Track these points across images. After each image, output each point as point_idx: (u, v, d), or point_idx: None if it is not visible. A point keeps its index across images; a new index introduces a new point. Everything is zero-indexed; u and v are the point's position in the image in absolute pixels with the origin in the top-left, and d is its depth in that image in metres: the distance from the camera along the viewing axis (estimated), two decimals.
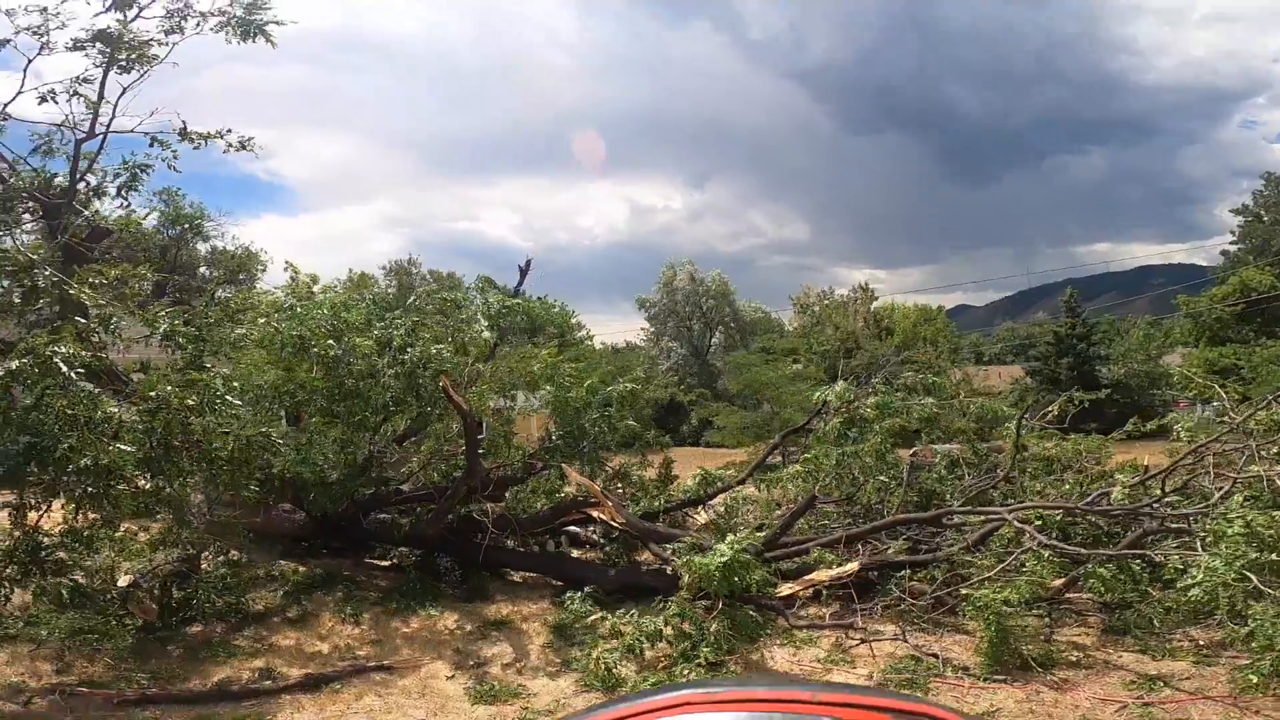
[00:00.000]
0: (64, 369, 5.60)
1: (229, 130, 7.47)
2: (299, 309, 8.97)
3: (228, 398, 7.88)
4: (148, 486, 7.33)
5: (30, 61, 6.05)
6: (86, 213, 6.92)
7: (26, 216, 6.99)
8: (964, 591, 6.98)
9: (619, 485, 10.70)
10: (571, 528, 10.69)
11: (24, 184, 6.71)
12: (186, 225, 33.89)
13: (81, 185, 7.00)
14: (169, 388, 6.67)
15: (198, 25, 6.56)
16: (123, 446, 5.98)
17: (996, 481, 9.46)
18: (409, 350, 8.93)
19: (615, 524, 9.29)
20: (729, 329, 47.37)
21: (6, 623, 7.12)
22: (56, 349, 5.59)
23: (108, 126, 6.86)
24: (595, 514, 9.42)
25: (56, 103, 6.17)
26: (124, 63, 6.31)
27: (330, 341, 8.56)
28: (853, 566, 8.11)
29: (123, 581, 7.70)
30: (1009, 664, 6.31)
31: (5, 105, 6.16)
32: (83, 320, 6.92)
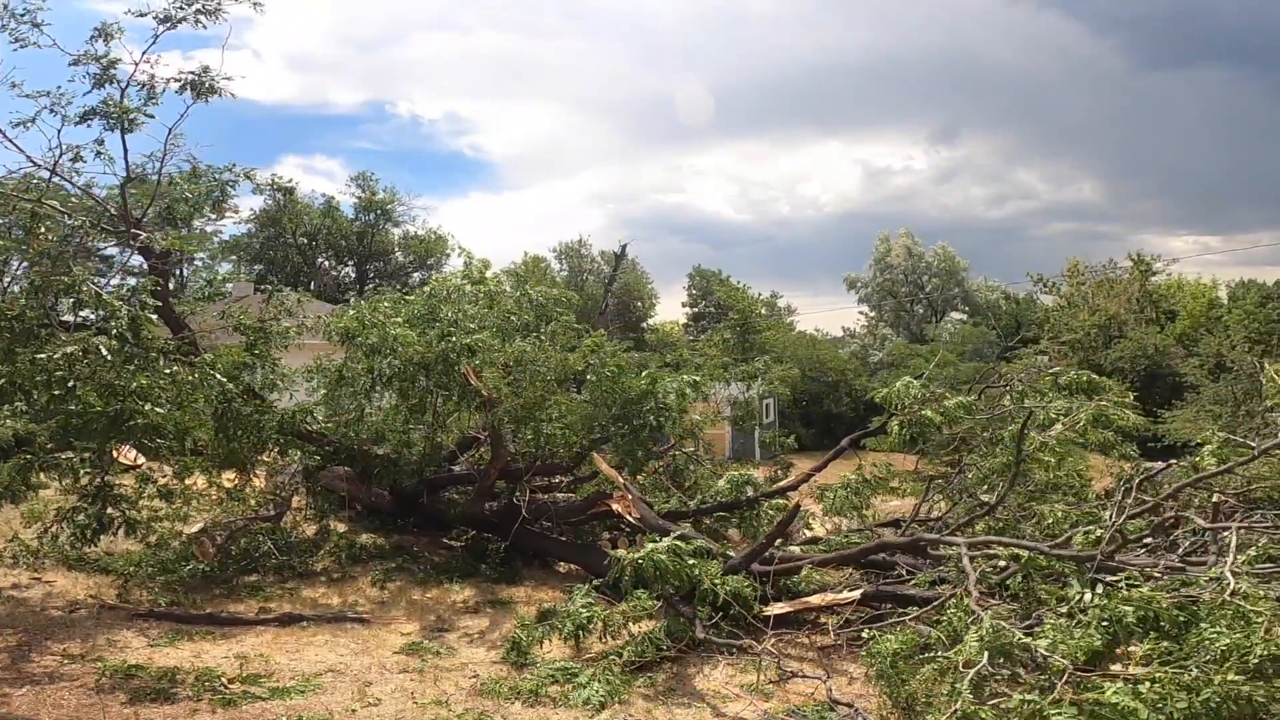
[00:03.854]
0: (105, 353, 7.06)
1: (235, 164, 9.39)
2: (361, 306, 10.30)
3: (272, 379, 9.46)
4: (207, 450, 9.17)
5: (59, 131, 7.99)
6: (143, 236, 8.64)
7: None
8: (865, 634, 6.10)
9: (665, 482, 10.65)
10: None
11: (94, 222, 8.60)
12: (379, 211, 37.85)
13: (150, 213, 8.86)
14: (215, 367, 8.30)
15: (163, 90, 8.26)
16: (158, 409, 7.45)
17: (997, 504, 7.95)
18: (449, 339, 9.80)
19: (631, 518, 9.32)
20: (965, 312, 41.18)
21: (102, 559, 9.18)
22: (99, 339, 7.09)
23: (161, 162, 8.67)
24: (615, 507, 9.51)
25: (85, 160, 8.05)
26: (125, 126, 8.05)
27: (372, 332, 9.69)
28: (853, 595, 7.58)
29: (194, 528, 9.42)
30: None
31: (54, 163, 7.99)
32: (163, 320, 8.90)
